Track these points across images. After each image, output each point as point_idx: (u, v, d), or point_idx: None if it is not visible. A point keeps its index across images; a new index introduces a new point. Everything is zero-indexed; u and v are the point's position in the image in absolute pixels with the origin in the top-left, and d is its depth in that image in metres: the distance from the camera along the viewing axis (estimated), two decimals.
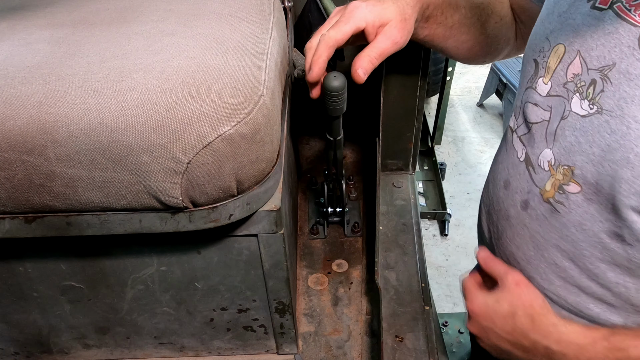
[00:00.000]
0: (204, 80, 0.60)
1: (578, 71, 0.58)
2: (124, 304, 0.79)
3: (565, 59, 0.60)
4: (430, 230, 2.55)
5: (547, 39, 0.63)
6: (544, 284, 0.68)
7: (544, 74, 0.63)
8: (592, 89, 0.56)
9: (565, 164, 0.60)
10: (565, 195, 0.61)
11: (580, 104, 0.57)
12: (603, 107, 0.55)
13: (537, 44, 0.65)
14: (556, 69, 0.61)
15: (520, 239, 0.69)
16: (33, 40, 0.69)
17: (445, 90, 2.61)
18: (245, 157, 0.61)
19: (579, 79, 0.58)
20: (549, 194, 0.63)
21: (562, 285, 0.66)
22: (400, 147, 1.15)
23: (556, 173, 0.61)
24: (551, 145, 0.62)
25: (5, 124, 0.57)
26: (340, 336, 0.94)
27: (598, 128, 0.55)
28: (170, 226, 0.64)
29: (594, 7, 0.56)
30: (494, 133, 3.19)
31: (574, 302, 0.66)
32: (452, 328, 1.76)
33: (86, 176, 0.59)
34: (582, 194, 0.59)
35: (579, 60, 0.58)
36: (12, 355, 0.87)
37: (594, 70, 0.56)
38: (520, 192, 0.68)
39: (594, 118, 0.56)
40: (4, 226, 0.64)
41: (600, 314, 0.64)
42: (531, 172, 0.65)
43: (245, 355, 0.89)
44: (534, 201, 0.65)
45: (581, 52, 0.57)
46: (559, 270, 0.65)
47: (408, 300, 0.91)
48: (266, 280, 0.76)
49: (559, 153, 0.61)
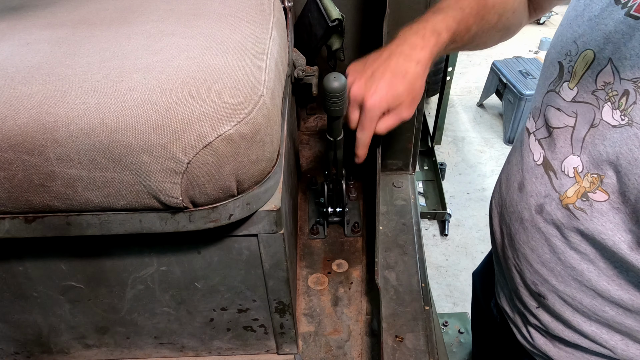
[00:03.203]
0: (204, 80, 0.60)
1: (609, 80, 0.56)
2: (124, 304, 0.79)
3: (595, 65, 0.58)
4: (430, 230, 2.55)
5: (575, 42, 0.61)
6: (560, 287, 0.67)
7: (570, 78, 0.62)
8: (625, 100, 0.54)
9: (594, 172, 0.59)
10: (589, 203, 0.60)
11: (612, 113, 0.56)
12: (634, 119, 0.53)
13: (563, 47, 0.64)
14: (584, 75, 0.60)
15: (535, 242, 0.68)
16: (33, 40, 0.69)
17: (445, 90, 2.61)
18: (245, 157, 0.61)
19: (611, 87, 0.56)
20: (569, 200, 0.62)
21: (578, 288, 0.65)
22: (400, 147, 1.15)
23: (583, 180, 0.60)
24: (578, 152, 0.60)
25: (5, 124, 0.57)
26: (340, 336, 0.94)
27: (627, 140, 0.54)
28: (170, 226, 0.64)
29: (629, 14, 0.54)
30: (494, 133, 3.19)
31: (589, 305, 0.65)
32: (452, 328, 1.77)
33: (86, 176, 0.59)
34: (609, 202, 0.58)
35: (610, 68, 0.56)
36: (12, 355, 0.87)
37: (627, 81, 0.54)
38: (535, 196, 0.67)
39: (624, 130, 0.54)
40: (4, 226, 0.64)
41: (615, 317, 0.64)
42: (552, 176, 0.64)
43: (245, 355, 0.89)
44: (551, 206, 0.64)
45: (613, 60, 0.56)
46: (575, 273, 0.65)
47: (408, 300, 0.91)
48: (266, 280, 0.76)
49: (587, 161, 0.59)
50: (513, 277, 0.75)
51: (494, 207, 0.79)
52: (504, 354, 0.91)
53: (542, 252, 0.67)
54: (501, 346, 0.91)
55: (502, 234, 0.76)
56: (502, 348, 0.90)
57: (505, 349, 0.88)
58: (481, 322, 1.07)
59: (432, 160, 2.64)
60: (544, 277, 0.68)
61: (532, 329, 0.76)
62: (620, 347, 0.66)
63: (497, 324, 0.89)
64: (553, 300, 0.68)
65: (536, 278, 0.69)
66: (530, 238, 0.69)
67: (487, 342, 1.06)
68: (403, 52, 0.73)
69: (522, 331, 0.78)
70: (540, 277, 0.68)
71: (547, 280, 0.68)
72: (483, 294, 1.01)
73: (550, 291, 0.68)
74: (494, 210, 0.79)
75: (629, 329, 0.64)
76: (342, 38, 1.12)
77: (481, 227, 2.53)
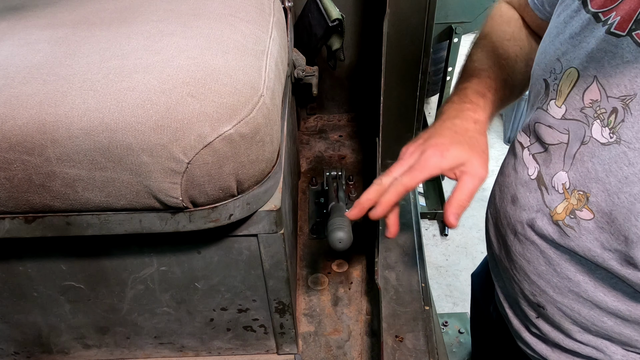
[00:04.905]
0: (204, 80, 0.60)
1: (596, 97, 0.56)
2: (124, 304, 0.79)
3: (580, 83, 0.58)
4: (430, 230, 2.55)
5: (559, 60, 0.61)
6: (557, 297, 0.67)
7: (556, 96, 0.62)
8: (614, 117, 0.54)
9: (580, 189, 0.58)
10: (577, 221, 0.59)
11: (601, 131, 0.56)
12: (622, 137, 0.53)
13: (547, 64, 0.63)
14: (570, 93, 0.59)
15: (530, 254, 0.68)
16: (33, 40, 0.69)
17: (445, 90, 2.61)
18: (245, 157, 0.61)
19: (598, 105, 0.56)
20: (559, 217, 0.62)
21: (575, 299, 0.65)
22: (400, 147, 1.14)
23: (571, 197, 0.60)
24: (567, 168, 0.60)
25: (5, 124, 0.57)
26: (340, 336, 0.94)
27: (616, 158, 0.54)
28: (170, 226, 0.64)
29: (610, 32, 0.54)
30: (493, 133, 3.19)
31: (587, 316, 0.65)
32: (452, 328, 1.76)
33: (86, 176, 0.59)
34: (594, 221, 0.58)
35: (596, 86, 0.56)
36: (12, 355, 0.87)
37: (615, 99, 0.54)
38: (527, 210, 0.67)
39: (612, 148, 0.54)
40: (4, 226, 0.64)
41: (614, 327, 0.64)
42: (543, 192, 0.64)
43: (245, 355, 0.88)
44: (542, 221, 0.64)
45: (598, 79, 0.55)
46: (572, 284, 0.64)
47: (408, 300, 0.90)
48: (266, 280, 0.76)
49: (574, 177, 0.59)
50: (513, 287, 0.75)
51: (489, 218, 0.79)
52: (503, 356, 0.91)
53: (538, 264, 0.67)
54: (501, 349, 0.91)
55: (498, 245, 0.76)
56: (502, 351, 0.90)
57: (505, 352, 0.88)
58: (481, 324, 1.07)
59: None
60: (541, 288, 0.68)
61: (532, 336, 0.76)
62: (620, 353, 0.66)
63: (497, 327, 0.89)
64: (552, 311, 0.68)
65: (534, 289, 0.69)
66: (525, 250, 0.68)
67: (487, 345, 1.06)
68: (457, 117, 0.69)
69: (523, 337, 0.78)
70: (538, 288, 0.68)
71: (544, 292, 0.68)
72: (482, 296, 1.01)
73: (548, 302, 0.68)
74: (490, 221, 0.79)
75: (628, 339, 0.64)
76: (342, 38, 1.12)
77: (481, 227, 2.53)
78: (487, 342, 1.06)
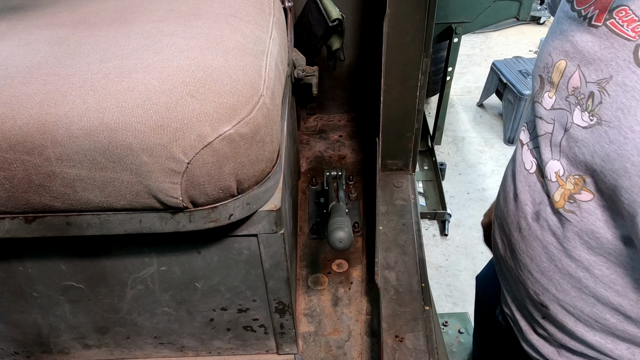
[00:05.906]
0: (204, 80, 0.60)
1: (577, 84, 0.60)
2: (124, 304, 0.79)
3: (567, 73, 0.62)
4: (430, 230, 2.55)
5: (550, 55, 0.65)
6: (560, 295, 0.68)
7: (550, 88, 0.65)
8: (591, 101, 0.58)
9: (576, 173, 0.61)
10: (577, 204, 0.61)
11: (581, 115, 0.59)
12: (602, 118, 0.56)
13: (542, 61, 0.68)
14: (559, 84, 0.63)
15: (533, 251, 0.69)
16: (33, 40, 0.69)
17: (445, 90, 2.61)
18: (245, 157, 0.61)
19: (579, 92, 0.60)
20: (559, 205, 0.64)
21: (577, 296, 0.66)
22: (400, 147, 1.15)
23: (566, 183, 0.63)
24: (557, 157, 0.63)
25: (5, 124, 0.57)
26: (340, 336, 0.94)
27: (598, 139, 0.57)
28: (170, 226, 0.64)
29: (590, 24, 0.59)
30: (494, 133, 3.19)
31: (590, 313, 0.66)
32: (452, 328, 1.76)
33: (86, 176, 0.59)
34: (595, 200, 0.60)
35: (578, 74, 0.60)
36: (12, 355, 0.87)
37: (592, 83, 0.58)
38: (530, 204, 0.69)
39: (594, 129, 0.57)
40: (4, 226, 0.64)
41: (617, 325, 0.65)
42: (542, 183, 0.67)
43: (245, 355, 0.88)
44: (546, 212, 0.66)
45: (580, 67, 0.60)
46: (573, 280, 0.65)
47: (408, 300, 0.90)
48: (266, 280, 0.76)
49: (567, 164, 0.62)
50: (518, 288, 0.75)
51: (495, 220, 0.80)
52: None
53: (540, 261, 0.68)
54: (505, 352, 0.91)
55: (503, 245, 0.77)
56: (507, 354, 0.90)
57: (509, 355, 0.88)
58: (485, 328, 1.07)
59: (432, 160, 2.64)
60: (544, 286, 0.69)
61: (539, 337, 0.76)
62: (626, 357, 0.66)
63: (502, 330, 0.89)
64: (555, 311, 0.69)
65: (537, 287, 0.70)
66: (529, 247, 0.70)
67: (492, 348, 1.06)
68: None
69: (529, 339, 0.78)
70: (541, 286, 0.69)
71: (547, 290, 0.69)
72: (487, 299, 1.01)
73: (551, 300, 0.69)
74: (495, 223, 0.80)
75: (633, 337, 0.64)
76: (342, 38, 1.12)
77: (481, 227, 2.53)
78: (491, 345, 1.06)
